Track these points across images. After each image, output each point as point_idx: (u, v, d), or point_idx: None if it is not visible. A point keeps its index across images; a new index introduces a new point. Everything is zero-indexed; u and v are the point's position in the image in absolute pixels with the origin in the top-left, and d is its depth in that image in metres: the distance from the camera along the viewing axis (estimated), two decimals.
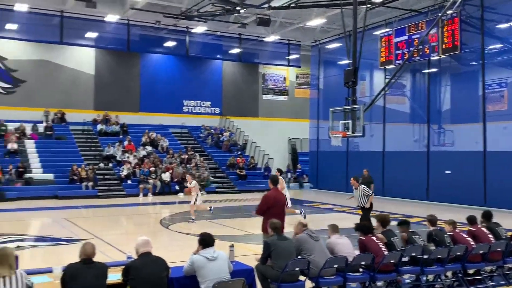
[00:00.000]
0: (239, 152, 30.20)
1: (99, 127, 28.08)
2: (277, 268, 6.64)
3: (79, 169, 23.70)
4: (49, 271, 6.03)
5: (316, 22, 25.23)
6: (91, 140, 27.35)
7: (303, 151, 32.89)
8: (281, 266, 6.57)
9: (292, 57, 30.09)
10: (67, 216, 16.98)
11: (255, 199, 23.26)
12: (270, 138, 32.07)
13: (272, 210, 8.82)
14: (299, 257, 6.98)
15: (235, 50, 28.86)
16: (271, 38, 27.82)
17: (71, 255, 6.42)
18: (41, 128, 26.57)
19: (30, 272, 5.37)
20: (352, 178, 12.49)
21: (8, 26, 23.76)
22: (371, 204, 12.25)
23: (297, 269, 6.78)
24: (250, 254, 9.37)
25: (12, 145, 24.16)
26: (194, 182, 15.94)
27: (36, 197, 21.63)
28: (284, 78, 34.80)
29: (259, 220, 9.23)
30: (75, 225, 15.16)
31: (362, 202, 12.17)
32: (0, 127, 25.34)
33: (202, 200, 15.99)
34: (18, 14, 22.83)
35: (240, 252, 8.55)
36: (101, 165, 25.42)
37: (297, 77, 35.03)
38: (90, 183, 23.29)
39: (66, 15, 23.49)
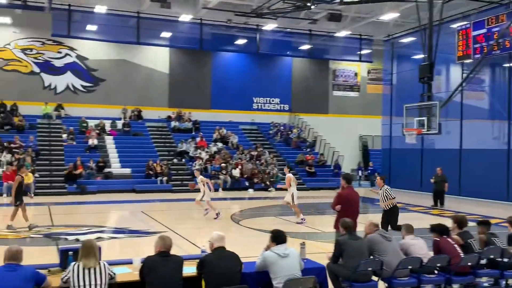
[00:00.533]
0: (308, 149, 30.09)
1: (172, 124, 28.99)
2: (348, 268, 6.58)
3: (155, 164, 24.60)
4: (129, 262, 6.33)
5: (390, 16, 24.60)
6: (165, 136, 28.31)
7: (375, 149, 32.21)
8: (353, 266, 6.51)
9: (363, 52, 29.52)
10: (144, 209, 17.69)
11: (324, 196, 23.14)
12: (341, 135, 31.67)
13: (345, 209, 8.74)
14: (371, 257, 6.89)
15: (305, 47, 28.75)
16: (342, 33, 27.44)
17: (148, 247, 6.70)
18: (119, 124, 27.86)
19: (111, 263, 5.65)
20: (378, 177, 11.82)
21: (89, 27, 25.05)
22: (396, 210, 11.15)
23: (369, 269, 6.70)
24: (321, 252, 9.33)
25: (93, 141, 25.48)
26: (200, 177, 16.01)
27: (115, 191, 22.70)
28: (356, 74, 34.22)
29: (328, 218, 9.18)
30: (151, 218, 15.78)
31: (384, 204, 11.17)
32: (81, 124, 26.82)
33: (210, 197, 15.92)
34: (98, 16, 24.00)
35: (311, 250, 8.54)
36: (175, 160, 26.24)
37: (368, 72, 34.34)
38: (165, 178, 24.11)
39: (142, 16, 24.42)
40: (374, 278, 6.85)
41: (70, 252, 5.82)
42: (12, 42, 26.78)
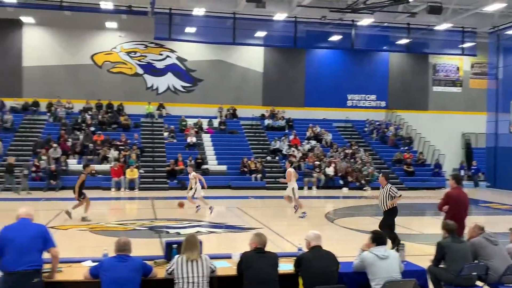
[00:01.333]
0: (406, 147, 29.05)
1: (266, 122, 29.37)
2: (451, 271, 6.31)
3: (249, 161, 25.08)
4: (228, 257, 6.52)
5: (495, 6, 23.03)
6: (259, 134, 28.75)
7: (479, 147, 30.40)
8: (456, 270, 6.23)
9: (466, 45, 27.91)
10: (239, 205, 18.11)
11: (423, 197, 22.26)
12: (441, 133, 30.25)
13: (453, 210, 8.36)
14: (475, 261, 6.55)
15: (403, 41, 27.76)
16: (443, 26, 26.12)
17: (244, 242, 6.84)
18: (215, 123, 28.75)
19: (210, 257, 5.86)
20: (381, 175, 10.98)
21: (188, 29, 26.06)
22: (395, 210, 10.35)
23: (474, 273, 6.37)
24: (421, 254, 9.00)
25: (191, 139, 26.52)
26: (193, 173, 15.93)
27: (212, 187, 23.39)
28: (458, 68, 32.50)
29: (427, 219, 8.80)
30: (246, 214, 16.12)
31: (383, 204, 10.32)
32: (181, 122, 28.02)
33: (202, 194, 15.82)
34: (196, 18, 24.90)
35: (410, 252, 8.26)
36: (268, 158, 26.56)
37: (472, 66, 32.46)
38: (259, 175, 24.49)
39: (238, 16, 24.95)
40: (479, 283, 6.49)
41: (174, 245, 6.12)
42: (118, 45, 28.63)
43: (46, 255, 5.51)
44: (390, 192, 10.24)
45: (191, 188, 15.96)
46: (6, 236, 5.27)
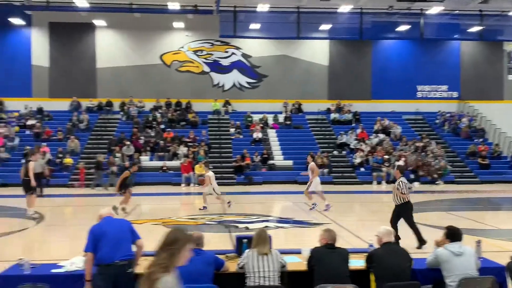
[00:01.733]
0: (481, 139, 27.77)
1: (332, 116, 29.06)
2: None
3: (315, 156, 24.93)
4: (297, 252, 6.55)
5: None
6: (325, 128, 28.52)
7: None
8: None
9: None
10: (306, 201, 18.06)
11: (499, 191, 21.23)
12: None
13: None
14: None
15: (475, 29, 26.49)
16: None
17: (312, 238, 6.85)
18: (281, 118, 28.81)
19: (280, 252, 5.90)
20: (395, 168, 10.58)
21: (252, 26, 26.25)
22: (409, 206, 9.98)
23: None
24: (499, 251, 8.61)
25: (257, 134, 26.76)
26: (210, 173, 15.66)
27: (278, 182, 23.57)
28: None
29: (504, 214, 8.39)
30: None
31: (395, 198, 10.05)
32: (247, 118, 28.33)
33: (220, 192, 15.56)
34: (260, 15, 25.02)
35: (486, 248, 7.92)
36: (335, 152, 26.30)
37: None
38: (326, 170, 24.31)
39: (302, 10, 24.80)
40: None
41: (245, 240, 6.23)
42: (185, 45, 29.33)
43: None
44: (397, 185, 10.02)
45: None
46: (99, 232, 5.56)
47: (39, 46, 28.45)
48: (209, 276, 5.43)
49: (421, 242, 9.69)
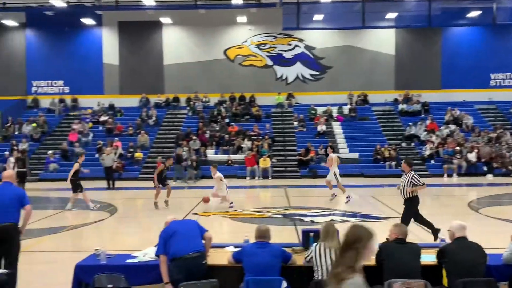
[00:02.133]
0: None
1: (400, 106, 28.27)
2: None
3: (382, 148, 24.39)
4: None
5: None
6: (392, 120, 27.79)
7: None
8: None
9: None
10: (373, 194, 17.73)
11: None
12: None
13: None
14: None
15: None
16: None
17: (380, 232, 6.64)
18: (345, 110, 28.38)
19: None
20: (403, 161, 10.10)
21: (316, 17, 25.93)
22: (416, 199, 9.65)
23: None
24: None
25: (321, 127, 26.51)
26: (218, 174, 14.83)
27: (344, 175, 23.13)
28: None
29: None
30: (381, 203, 15.74)
31: (404, 192, 9.60)
32: (310, 111, 28.13)
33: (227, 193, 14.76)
34: (324, 6, 24.68)
35: None
36: (403, 144, 25.58)
37: None
38: (393, 162, 23.70)
39: None
40: None
41: (311, 234, 6.20)
42: (249, 39, 29.52)
43: None
44: (412, 180, 9.56)
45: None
46: (168, 233, 5.79)
47: (109, 45, 29.64)
48: (276, 269, 5.46)
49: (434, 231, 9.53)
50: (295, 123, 27.39)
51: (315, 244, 5.64)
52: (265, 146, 24.47)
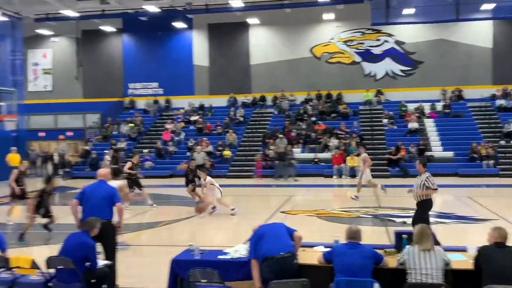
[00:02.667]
0: None
1: (498, 102, 26.59)
2: None
3: (479, 146, 23.10)
4: (463, 249, 6.15)
5: None
6: (490, 116, 26.21)
7: None
8: None
9: None
10: (469, 194, 16.86)
11: None
12: None
13: None
14: None
15: None
16: None
17: (477, 235, 6.34)
18: (438, 106, 27.18)
19: (443, 249, 5.59)
20: (417, 161, 9.53)
21: (406, 11, 25.11)
22: (429, 203, 9.08)
23: None
24: None
25: (413, 124, 25.59)
26: (208, 178, 13.77)
27: (437, 174, 22.13)
28: None
29: None
30: (478, 203, 14.93)
31: (417, 195, 8.99)
32: (401, 108, 27.25)
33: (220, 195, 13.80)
34: None
35: None
36: (502, 142, 24.03)
37: None
38: (491, 161, 22.38)
39: None
40: None
41: (404, 235, 6.02)
42: (335, 36, 29.19)
43: None
44: (425, 182, 8.91)
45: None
46: (257, 236, 5.89)
47: (199, 47, 30.66)
48: (368, 270, 5.37)
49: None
50: (385, 120, 26.67)
51: (408, 246, 5.48)
52: (353, 145, 24.07)
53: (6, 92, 15.26)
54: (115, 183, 9.27)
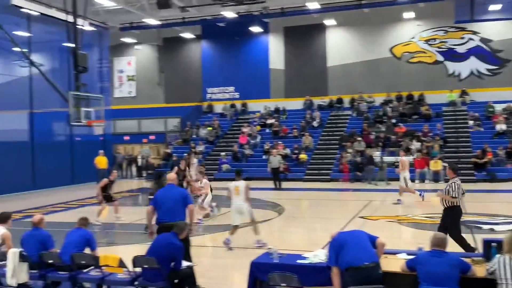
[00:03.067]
0: None
1: None
2: None
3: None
4: None
5: None
6: None
7: None
8: None
9: None
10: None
11: None
12: None
13: None
14: None
15: None
16: None
17: None
18: None
19: None
20: (448, 167, 9.31)
21: (492, 7, 23.83)
22: (456, 210, 8.66)
23: None
24: None
25: (501, 126, 24.17)
26: (205, 181, 13.64)
27: None
28: None
29: None
30: None
31: (444, 200, 8.67)
32: (488, 109, 25.81)
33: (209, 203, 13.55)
34: None
35: None
36: None
37: None
38: None
39: None
40: None
41: (494, 244, 5.66)
42: (416, 35, 28.23)
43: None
44: (449, 187, 8.59)
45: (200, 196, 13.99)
46: (338, 243, 5.75)
47: (275, 51, 30.83)
48: (454, 279, 5.10)
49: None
50: (470, 122, 25.37)
51: (498, 255, 5.15)
52: (436, 148, 23.11)
53: (94, 98, 16.21)
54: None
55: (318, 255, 6.22)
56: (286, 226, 13.41)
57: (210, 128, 29.20)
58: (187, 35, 31.67)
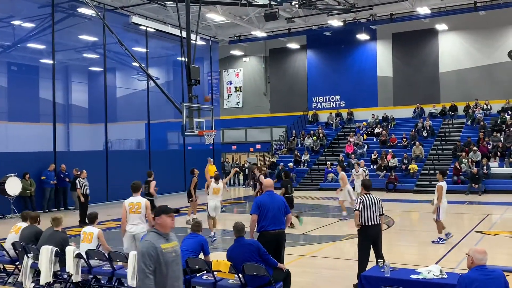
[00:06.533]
0: None
1: None
2: None
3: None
4: None
5: None
6: None
7: None
8: None
9: None
10: None
11: None
12: None
13: None
14: None
15: None
16: None
17: None
18: None
19: None
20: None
21: None
22: None
23: None
24: None
25: None
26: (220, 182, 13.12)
27: None
28: None
29: None
30: None
31: None
32: None
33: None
34: None
35: None
36: None
37: None
38: None
39: None
40: None
41: None
42: None
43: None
44: None
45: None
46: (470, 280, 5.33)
47: (383, 58, 30.06)
48: None
49: None
50: None
51: None
52: None
53: (206, 109, 16.94)
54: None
55: (432, 271, 5.95)
56: (396, 239, 12.95)
57: (315, 138, 29.15)
58: (293, 45, 31.98)
